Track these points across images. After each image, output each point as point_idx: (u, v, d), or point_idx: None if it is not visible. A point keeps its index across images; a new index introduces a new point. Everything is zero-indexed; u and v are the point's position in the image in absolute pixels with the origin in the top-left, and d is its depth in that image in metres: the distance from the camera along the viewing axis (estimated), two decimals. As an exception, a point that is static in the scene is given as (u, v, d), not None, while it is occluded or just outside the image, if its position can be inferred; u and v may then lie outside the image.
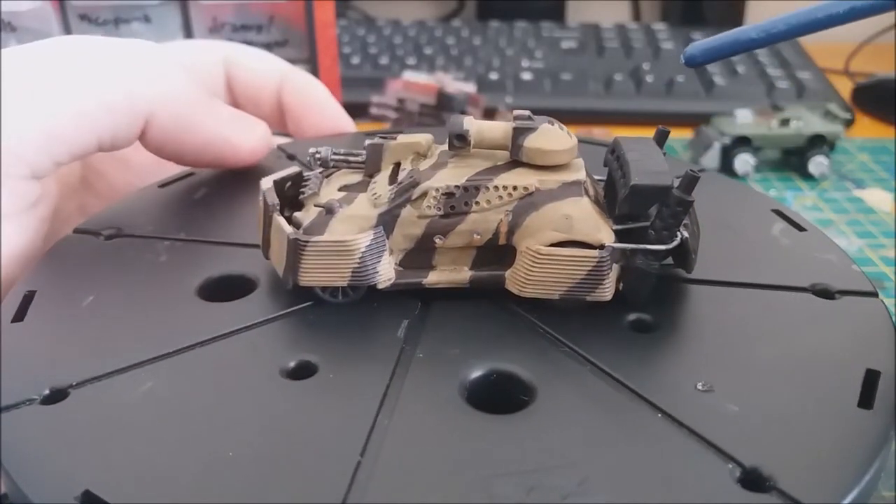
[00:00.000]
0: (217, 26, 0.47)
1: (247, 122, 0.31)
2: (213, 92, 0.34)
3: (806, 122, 0.53)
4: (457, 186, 0.23)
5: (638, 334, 0.23)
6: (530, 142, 0.23)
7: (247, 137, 0.30)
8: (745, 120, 0.53)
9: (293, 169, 0.25)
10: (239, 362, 0.22)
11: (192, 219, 0.28)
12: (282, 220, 0.23)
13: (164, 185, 0.30)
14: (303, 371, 0.22)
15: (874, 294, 0.24)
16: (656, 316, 0.24)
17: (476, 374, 0.21)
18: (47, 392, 0.21)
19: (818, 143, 0.52)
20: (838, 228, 0.48)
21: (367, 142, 0.25)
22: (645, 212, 0.23)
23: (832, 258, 0.26)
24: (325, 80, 0.37)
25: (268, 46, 0.47)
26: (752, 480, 0.18)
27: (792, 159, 0.54)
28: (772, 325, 0.23)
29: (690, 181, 0.22)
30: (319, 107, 0.35)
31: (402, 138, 0.25)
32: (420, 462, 0.19)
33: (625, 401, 0.21)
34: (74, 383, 0.21)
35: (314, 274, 0.23)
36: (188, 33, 0.47)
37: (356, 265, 0.23)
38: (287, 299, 0.24)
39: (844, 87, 0.65)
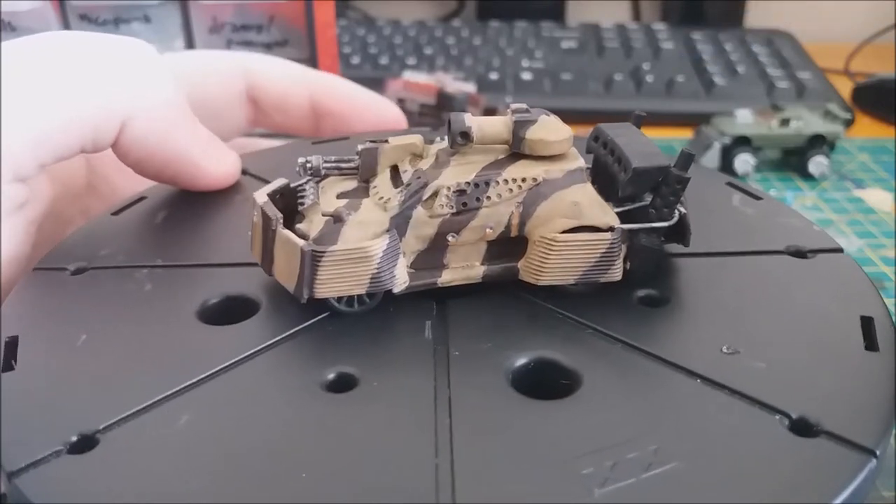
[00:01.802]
0: (217, 26, 0.47)
1: (220, 150, 0.30)
2: (226, 103, 0.34)
3: (806, 122, 0.53)
4: (467, 183, 0.23)
5: (651, 309, 0.24)
6: (532, 133, 0.23)
7: (216, 164, 0.30)
8: (745, 120, 0.53)
9: (282, 181, 0.25)
10: (274, 382, 0.21)
11: (162, 244, 0.27)
12: (289, 234, 0.23)
13: (117, 212, 0.29)
14: (344, 383, 0.21)
15: (840, 250, 0.27)
16: (661, 290, 0.25)
17: (517, 364, 0.22)
18: (75, 439, 0.19)
19: (818, 143, 0.52)
20: (838, 228, 0.48)
21: (360, 147, 0.24)
22: (644, 192, 0.24)
23: (794, 221, 0.28)
24: (325, 80, 0.37)
25: (268, 46, 0.47)
26: (802, 428, 0.20)
27: (792, 159, 0.54)
28: (764, 286, 0.25)
29: (686, 159, 0.24)
30: (367, 104, 0.35)
31: (396, 140, 0.25)
32: (495, 454, 0.19)
33: (663, 372, 0.22)
34: (101, 427, 0.20)
35: (331, 284, 0.22)
36: (188, 33, 0.47)
37: (374, 271, 0.22)
38: (297, 314, 0.23)
39: (844, 87, 0.65)
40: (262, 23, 0.47)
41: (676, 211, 0.24)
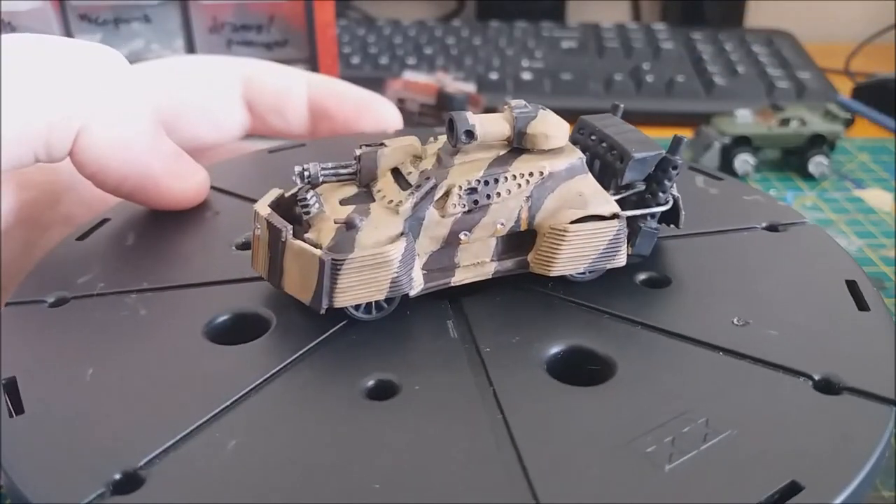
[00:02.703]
0: (217, 26, 0.47)
1: (185, 167, 0.29)
2: (224, 109, 0.34)
3: (806, 122, 0.53)
4: (478, 180, 0.23)
5: (655, 290, 0.25)
6: (533, 128, 0.23)
7: (178, 181, 0.28)
8: (745, 120, 0.53)
9: (277, 191, 0.24)
10: (313, 396, 0.21)
11: (142, 266, 0.26)
12: (302, 244, 0.22)
13: (82, 236, 0.28)
14: (386, 390, 0.21)
15: (805, 221, 0.28)
16: (660, 272, 0.25)
17: (550, 354, 0.22)
18: (118, 478, 0.18)
19: (818, 143, 0.52)
20: (838, 228, 0.48)
21: (358, 151, 0.24)
22: (640, 179, 0.25)
23: (758, 198, 0.30)
24: (325, 80, 0.37)
25: (268, 46, 0.47)
26: (826, 387, 0.21)
27: (792, 159, 0.53)
28: (750, 260, 0.26)
29: (677, 144, 0.25)
30: (365, 104, 0.35)
31: (394, 143, 0.25)
32: (558, 443, 0.19)
33: (687, 348, 0.22)
34: (143, 463, 0.18)
35: (351, 292, 0.22)
36: (188, 33, 0.47)
37: (393, 276, 0.22)
38: (313, 326, 0.23)
39: (844, 87, 0.65)
40: (262, 23, 0.47)
41: (670, 195, 0.25)
